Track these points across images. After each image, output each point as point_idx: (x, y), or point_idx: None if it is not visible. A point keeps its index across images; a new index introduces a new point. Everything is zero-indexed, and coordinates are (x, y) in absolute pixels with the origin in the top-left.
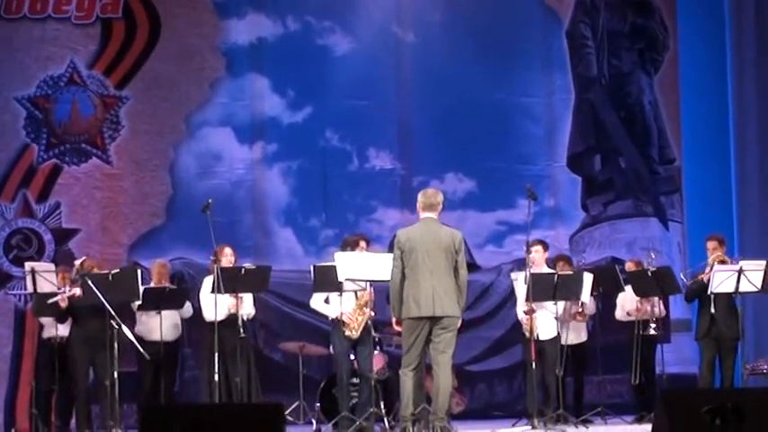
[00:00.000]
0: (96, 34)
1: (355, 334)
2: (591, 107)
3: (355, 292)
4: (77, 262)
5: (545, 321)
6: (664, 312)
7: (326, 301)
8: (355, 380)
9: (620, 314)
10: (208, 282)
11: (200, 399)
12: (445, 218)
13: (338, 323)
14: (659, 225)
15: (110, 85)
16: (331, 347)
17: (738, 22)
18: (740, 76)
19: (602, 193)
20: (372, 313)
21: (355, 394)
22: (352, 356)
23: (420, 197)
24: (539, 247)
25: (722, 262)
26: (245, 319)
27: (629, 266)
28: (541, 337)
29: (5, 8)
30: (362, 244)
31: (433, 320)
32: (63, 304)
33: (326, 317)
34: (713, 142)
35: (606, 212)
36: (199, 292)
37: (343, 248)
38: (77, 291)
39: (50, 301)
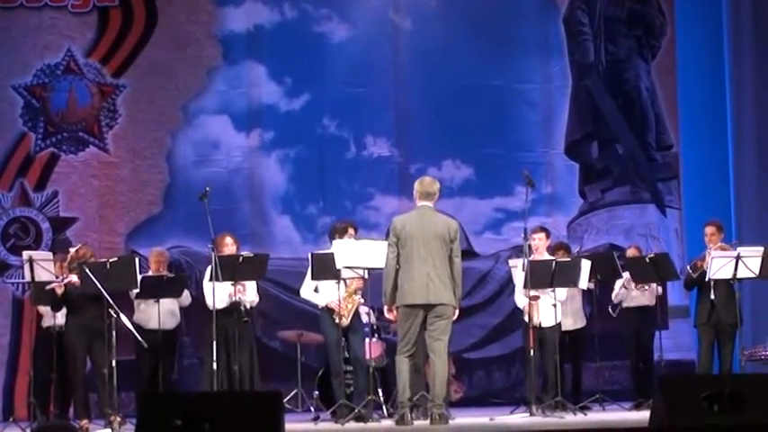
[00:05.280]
0: (93, 23)
1: (345, 321)
2: (588, 94)
3: (344, 280)
4: (72, 249)
5: (545, 309)
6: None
7: (316, 290)
8: (349, 367)
9: (616, 292)
10: (210, 270)
11: (198, 387)
12: (443, 205)
13: (328, 311)
14: (657, 211)
15: (107, 74)
16: (323, 336)
17: (735, 7)
18: (737, 62)
19: (600, 179)
20: (362, 300)
21: (351, 381)
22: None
23: (417, 185)
24: (541, 235)
25: (722, 249)
26: (247, 306)
27: (632, 252)
28: (543, 325)
29: None
30: (351, 231)
31: (428, 308)
32: (59, 290)
33: (316, 305)
34: (711, 128)
35: (604, 199)
36: (197, 280)
37: (332, 236)
38: (74, 278)
39: (47, 288)
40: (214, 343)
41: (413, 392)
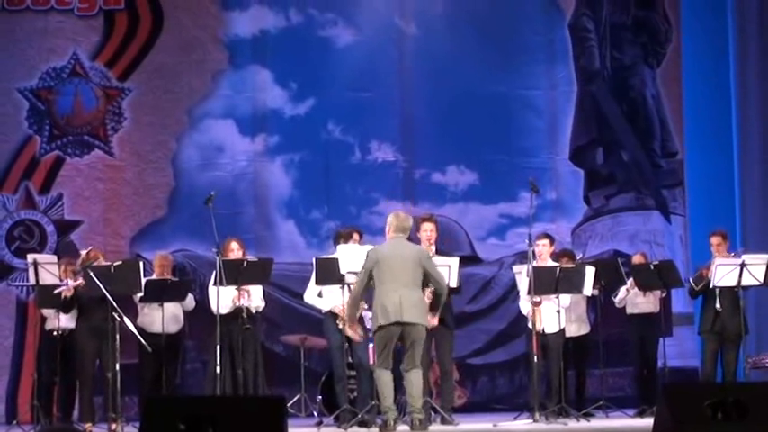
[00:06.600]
0: (99, 26)
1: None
2: (593, 100)
3: (349, 286)
4: (83, 252)
5: (549, 315)
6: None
7: (320, 294)
8: (352, 372)
9: (620, 297)
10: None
11: (202, 391)
12: (448, 211)
13: (331, 316)
14: (661, 218)
15: (112, 77)
16: (326, 341)
17: (741, 14)
18: (743, 69)
19: (605, 186)
20: (366, 306)
21: (354, 386)
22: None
23: (393, 219)
24: (545, 241)
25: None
26: (252, 311)
27: (638, 259)
28: (546, 331)
29: (8, 0)
30: (355, 236)
31: (403, 327)
32: (68, 294)
33: (320, 310)
34: (716, 135)
35: (608, 205)
36: (201, 284)
37: (336, 241)
38: (82, 280)
39: (57, 291)
40: (218, 347)
41: (394, 399)
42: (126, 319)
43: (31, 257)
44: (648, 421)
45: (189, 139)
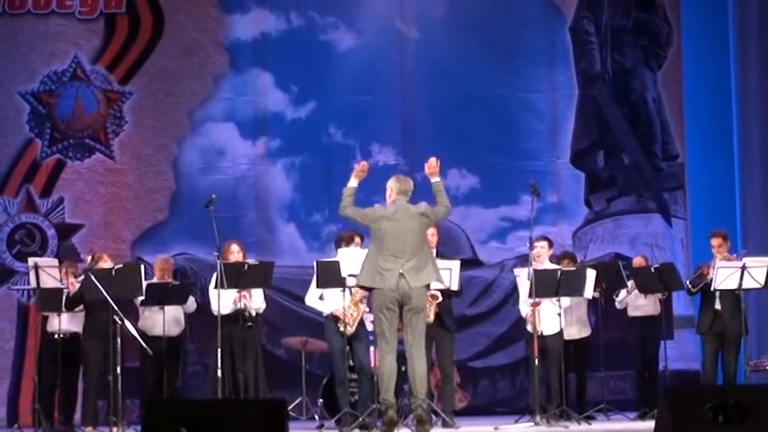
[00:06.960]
0: (100, 30)
1: (350, 330)
2: (594, 103)
3: (350, 289)
4: (88, 258)
5: (548, 317)
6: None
7: (321, 297)
8: (353, 375)
9: (621, 298)
10: (215, 277)
11: (203, 394)
12: None
13: (332, 319)
14: (662, 221)
15: (113, 81)
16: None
17: (742, 17)
18: (743, 72)
19: (606, 189)
20: (367, 309)
21: (355, 390)
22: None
23: (394, 183)
24: (544, 243)
25: (727, 260)
26: (253, 314)
27: (639, 261)
28: (545, 333)
29: (9, 3)
30: (357, 239)
31: (402, 296)
32: (72, 288)
33: (321, 313)
34: (717, 138)
35: (609, 208)
36: (202, 287)
37: (338, 244)
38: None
39: (63, 288)
40: (219, 350)
41: (396, 392)
42: (127, 323)
43: (31, 261)
44: (650, 424)
45: (190, 143)
